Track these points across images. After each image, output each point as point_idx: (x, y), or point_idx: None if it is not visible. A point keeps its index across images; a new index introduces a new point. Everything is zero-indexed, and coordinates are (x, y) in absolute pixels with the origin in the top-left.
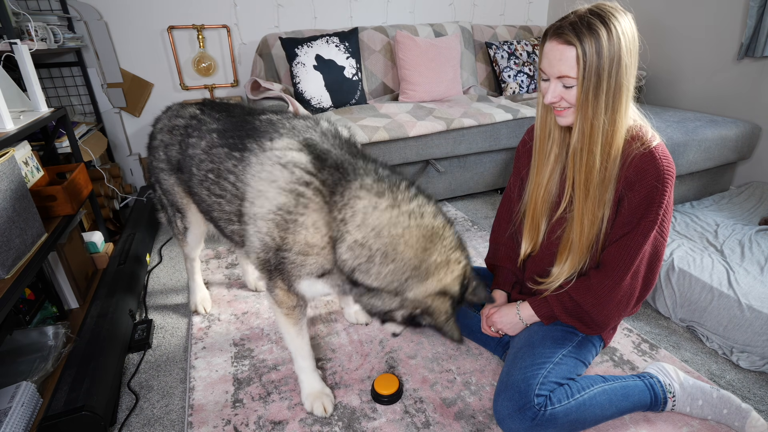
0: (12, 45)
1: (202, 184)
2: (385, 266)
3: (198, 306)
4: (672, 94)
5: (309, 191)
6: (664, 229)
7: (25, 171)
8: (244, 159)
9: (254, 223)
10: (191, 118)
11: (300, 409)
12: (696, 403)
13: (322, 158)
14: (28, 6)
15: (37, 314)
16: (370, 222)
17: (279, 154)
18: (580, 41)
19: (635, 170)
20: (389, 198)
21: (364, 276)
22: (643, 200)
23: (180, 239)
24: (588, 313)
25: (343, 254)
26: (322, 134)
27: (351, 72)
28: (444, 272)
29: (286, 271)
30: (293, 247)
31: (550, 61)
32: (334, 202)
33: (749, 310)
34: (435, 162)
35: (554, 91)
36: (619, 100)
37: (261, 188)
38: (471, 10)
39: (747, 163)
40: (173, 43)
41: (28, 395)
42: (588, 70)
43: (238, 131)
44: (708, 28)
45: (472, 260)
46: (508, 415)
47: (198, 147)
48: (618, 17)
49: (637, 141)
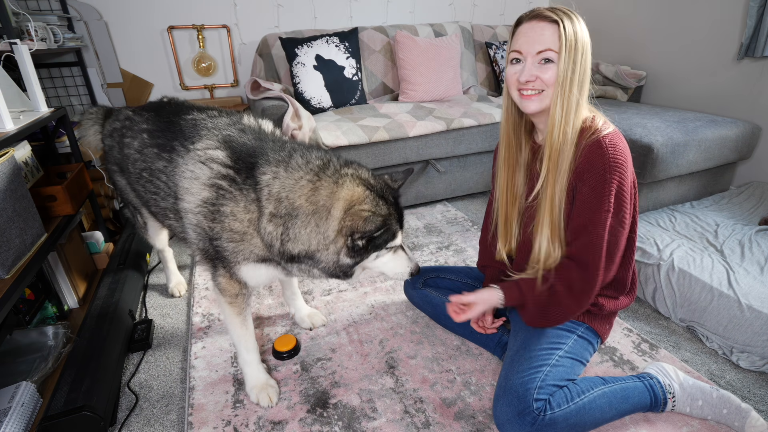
0: (12, 45)
1: (138, 181)
2: (297, 225)
3: (173, 290)
4: (672, 94)
5: (225, 183)
6: (623, 218)
7: (25, 171)
8: (172, 160)
9: (186, 216)
10: (125, 119)
11: (300, 409)
12: (696, 404)
13: (238, 150)
14: (28, 6)
15: (37, 314)
16: (274, 192)
17: (200, 153)
18: (561, 19)
19: (584, 160)
20: (284, 165)
21: (293, 244)
22: (593, 191)
23: (143, 232)
24: (561, 303)
25: (267, 228)
26: (242, 130)
27: (351, 72)
28: (337, 192)
29: (224, 258)
30: (222, 235)
31: (529, 39)
32: (249, 185)
33: (749, 310)
34: (435, 162)
35: (530, 69)
36: (584, 84)
37: (186, 186)
38: (471, 10)
39: (747, 163)
40: (173, 43)
41: (28, 395)
42: (569, 44)
43: (166, 133)
44: (708, 28)
45: (472, 260)
46: (508, 421)
47: (132, 147)
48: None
49: (589, 131)
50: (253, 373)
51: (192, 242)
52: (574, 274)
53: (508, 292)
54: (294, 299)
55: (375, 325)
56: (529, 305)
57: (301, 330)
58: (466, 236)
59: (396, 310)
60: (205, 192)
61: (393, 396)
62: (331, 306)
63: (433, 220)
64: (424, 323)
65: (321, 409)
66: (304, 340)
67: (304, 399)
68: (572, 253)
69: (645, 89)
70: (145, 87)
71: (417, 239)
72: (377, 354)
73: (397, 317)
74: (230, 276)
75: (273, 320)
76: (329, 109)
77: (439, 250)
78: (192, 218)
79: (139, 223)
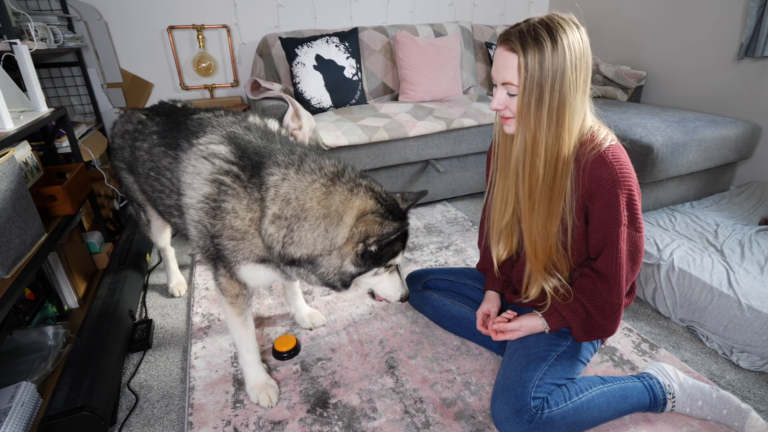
0: (12, 45)
1: (147, 181)
2: (304, 228)
3: (174, 290)
4: (672, 94)
5: (228, 179)
6: (638, 225)
7: (25, 171)
8: (177, 157)
9: (188, 212)
10: (138, 123)
11: (300, 409)
12: (695, 404)
13: (243, 147)
14: (28, 6)
15: (37, 314)
16: (282, 193)
17: (203, 148)
18: (524, 50)
19: (590, 178)
20: (296, 167)
21: (295, 248)
22: (606, 209)
23: (146, 230)
24: (598, 324)
25: (268, 229)
26: (247, 128)
27: (351, 72)
28: (352, 200)
29: (224, 257)
30: (223, 233)
31: (496, 67)
32: (253, 184)
33: (749, 310)
34: (435, 162)
35: (499, 98)
36: (563, 116)
37: (189, 181)
38: (471, 10)
39: (747, 163)
40: (173, 43)
41: (28, 395)
42: (530, 80)
43: (174, 132)
44: (708, 28)
45: (472, 261)
46: (505, 419)
47: (142, 149)
48: (567, 30)
49: (589, 144)
50: (253, 373)
51: (193, 240)
52: (602, 295)
53: (550, 320)
54: (294, 299)
55: (375, 325)
56: (573, 328)
57: (301, 330)
58: (466, 236)
59: (396, 310)
60: (206, 187)
61: (393, 396)
62: (331, 306)
63: (433, 220)
64: (424, 323)
65: (321, 409)
66: (304, 340)
67: (304, 399)
68: (597, 267)
69: (645, 89)
70: (145, 87)
71: (417, 239)
72: (377, 354)
73: (397, 317)
74: (231, 276)
75: (273, 320)
76: (329, 109)
77: (439, 250)
78: (194, 214)
79: (143, 221)
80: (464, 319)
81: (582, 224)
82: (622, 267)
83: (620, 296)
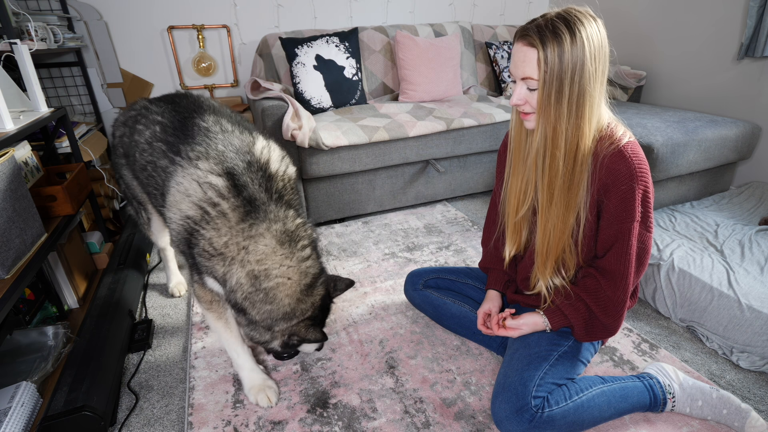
0: (12, 45)
1: (143, 172)
2: (266, 305)
3: (174, 290)
4: (672, 94)
5: (214, 212)
6: (649, 224)
7: (25, 171)
8: (174, 163)
9: (170, 223)
10: (141, 108)
11: (300, 409)
12: (696, 404)
13: (239, 188)
14: (28, 6)
15: (37, 314)
16: (268, 262)
17: (201, 174)
18: (543, 44)
19: (608, 172)
20: (287, 249)
21: (250, 306)
22: (621, 203)
23: (146, 229)
24: (601, 322)
25: (241, 278)
26: (249, 164)
27: (351, 72)
28: (307, 310)
29: (195, 264)
30: (195, 249)
31: (515, 63)
32: (240, 229)
33: (749, 310)
34: (435, 162)
35: (519, 93)
36: (582, 107)
37: (177, 199)
38: (471, 10)
39: (747, 163)
40: (173, 43)
41: (28, 395)
42: (549, 73)
43: (177, 132)
44: (708, 28)
45: (472, 261)
46: (506, 417)
47: (143, 135)
48: (585, 23)
49: (607, 140)
50: (247, 375)
51: (173, 240)
52: (606, 293)
53: (552, 318)
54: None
55: (375, 325)
56: (575, 327)
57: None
58: (466, 236)
59: (396, 310)
60: (191, 210)
61: (393, 396)
62: None
63: (433, 220)
64: (424, 323)
65: (321, 409)
66: None
67: (304, 399)
68: (603, 265)
69: (645, 89)
70: (145, 87)
71: (417, 239)
72: (377, 354)
73: (397, 317)
74: (202, 283)
75: None
76: (329, 109)
77: (439, 250)
78: (175, 226)
79: (143, 219)
80: (465, 318)
81: (594, 219)
82: (631, 263)
83: (625, 293)
